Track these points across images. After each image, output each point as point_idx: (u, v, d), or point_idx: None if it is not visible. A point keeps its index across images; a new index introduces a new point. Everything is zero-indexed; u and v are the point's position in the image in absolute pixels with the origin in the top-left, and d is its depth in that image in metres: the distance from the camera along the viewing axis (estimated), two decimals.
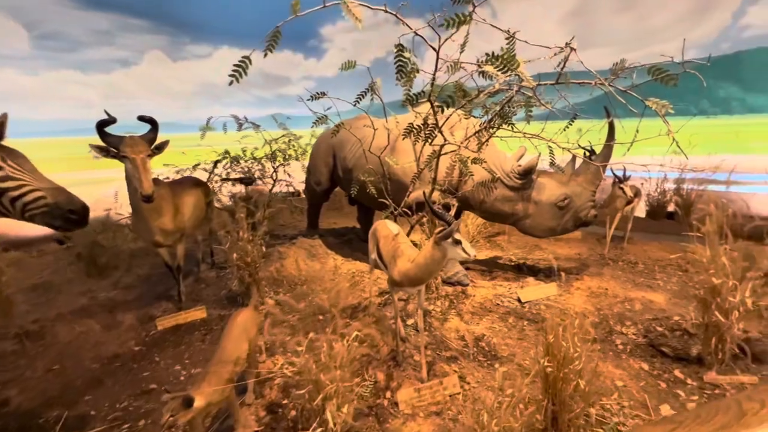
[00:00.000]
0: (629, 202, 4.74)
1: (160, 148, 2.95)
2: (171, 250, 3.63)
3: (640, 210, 5.92)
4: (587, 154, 3.70)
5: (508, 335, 2.96)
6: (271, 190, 5.55)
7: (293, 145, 5.01)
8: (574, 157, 3.30)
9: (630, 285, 3.70)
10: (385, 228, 2.71)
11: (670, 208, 6.11)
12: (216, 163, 4.81)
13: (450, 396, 2.32)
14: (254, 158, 5.02)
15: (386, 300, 3.49)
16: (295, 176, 5.48)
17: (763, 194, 4.88)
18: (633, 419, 2.09)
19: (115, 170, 2.98)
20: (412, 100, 2.15)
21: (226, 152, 4.91)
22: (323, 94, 2.39)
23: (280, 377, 2.30)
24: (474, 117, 2.81)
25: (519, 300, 3.37)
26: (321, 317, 3.56)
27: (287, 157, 5.03)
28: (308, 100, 2.38)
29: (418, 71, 2.01)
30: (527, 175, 3.26)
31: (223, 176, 4.92)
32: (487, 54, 1.69)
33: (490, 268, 4.21)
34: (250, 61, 1.44)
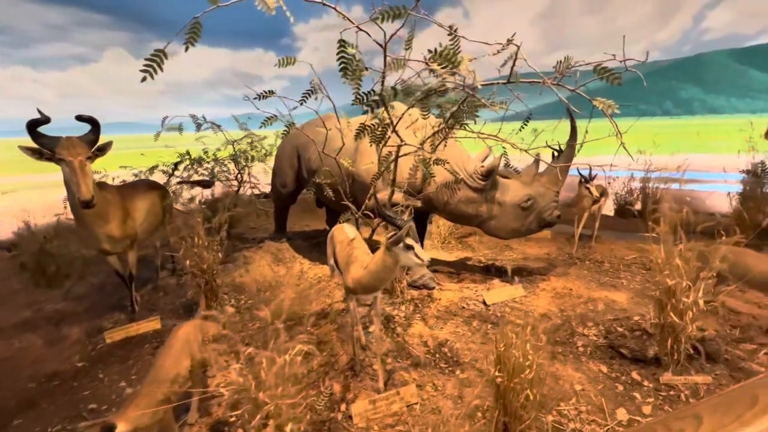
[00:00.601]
0: (596, 202, 4.79)
1: (102, 150, 2.76)
2: (122, 258, 3.43)
3: (608, 208, 6.01)
4: (556, 154, 3.69)
5: (471, 340, 2.90)
6: (237, 191, 5.36)
7: (256, 146, 4.84)
8: (537, 157, 3.27)
9: (594, 285, 3.71)
10: (342, 233, 2.61)
11: (637, 206, 6.23)
12: (176, 165, 4.59)
13: (407, 406, 2.24)
14: (216, 159, 4.82)
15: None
16: (260, 178, 5.31)
17: (720, 192, 5.02)
18: (589, 425, 2.06)
19: None
20: (362, 100, 2.05)
21: (187, 153, 4.70)
22: (271, 92, 2.27)
23: (218, 396, 2.15)
24: (435, 116, 2.74)
25: (484, 303, 3.33)
26: (281, 326, 3.43)
27: (249, 158, 4.85)
28: (255, 99, 2.25)
29: (367, 69, 1.91)
30: (490, 176, 3.21)
31: (183, 179, 4.70)
32: (429, 50, 1.61)
33: (458, 270, 4.16)
34: (165, 55, 1.31)
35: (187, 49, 1.40)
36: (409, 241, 1.99)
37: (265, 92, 2.24)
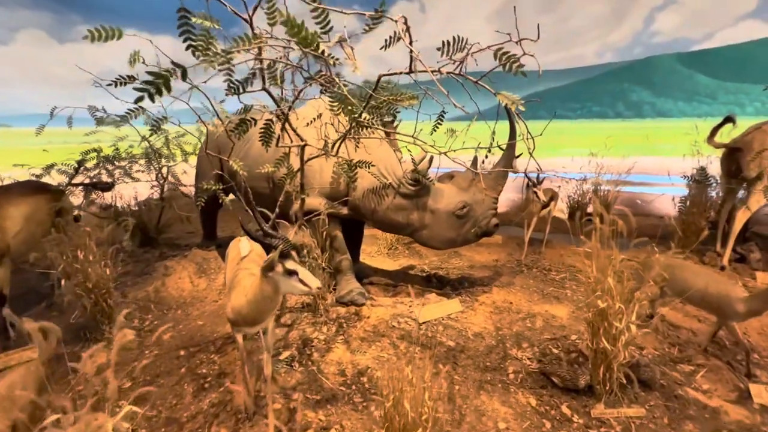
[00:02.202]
0: (545, 206, 4.61)
1: None
2: None
3: (561, 212, 5.88)
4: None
5: (395, 366, 2.56)
6: (161, 194, 4.81)
7: (172, 143, 4.31)
8: (475, 159, 2.98)
9: (537, 296, 3.48)
10: (235, 248, 2.20)
11: (590, 209, 6.15)
12: (79, 163, 4.00)
13: None
14: (132, 157, 4.27)
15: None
16: (183, 179, 4.77)
17: (669, 195, 5.00)
18: None
19: None
20: (236, 89, 1.66)
21: (95, 150, 4.12)
22: (132, 78, 1.83)
23: None
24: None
25: (416, 320, 3.01)
26: (183, 352, 2.98)
27: (160, 156, 4.32)
28: (108, 85, 1.81)
29: (238, 51, 1.52)
30: (420, 180, 2.89)
31: (92, 179, 4.12)
32: (283, 23, 1.24)
33: (396, 281, 3.83)
34: None
35: None
36: (290, 264, 1.63)
37: (122, 77, 1.80)
